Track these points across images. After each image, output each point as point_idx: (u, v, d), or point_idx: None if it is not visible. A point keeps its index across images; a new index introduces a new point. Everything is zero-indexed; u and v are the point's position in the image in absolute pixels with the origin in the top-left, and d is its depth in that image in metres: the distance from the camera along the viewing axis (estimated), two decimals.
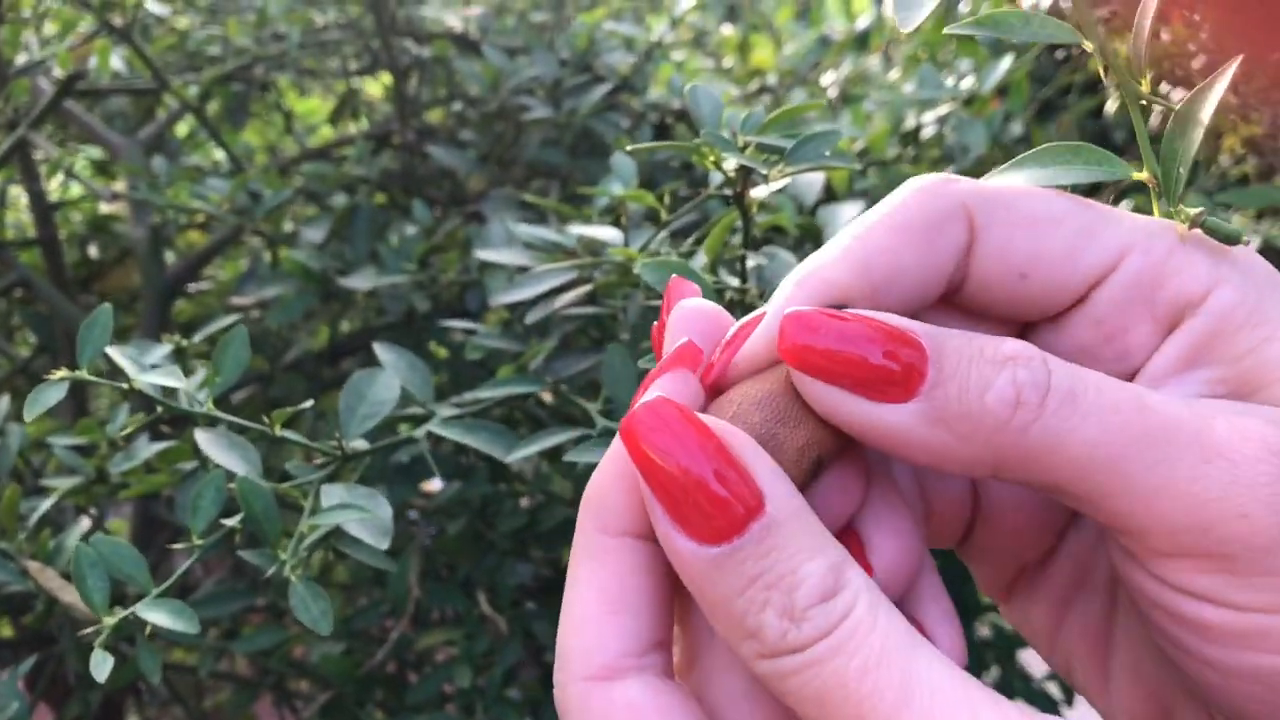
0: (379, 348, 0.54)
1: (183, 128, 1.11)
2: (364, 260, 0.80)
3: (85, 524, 0.62)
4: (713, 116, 0.45)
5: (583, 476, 0.70)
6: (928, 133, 0.82)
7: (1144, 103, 0.30)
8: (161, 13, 0.95)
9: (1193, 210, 0.27)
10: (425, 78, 0.99)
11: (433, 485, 0.78)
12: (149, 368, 0.49)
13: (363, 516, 0.46)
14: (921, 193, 0.27)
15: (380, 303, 0.84)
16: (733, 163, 0.45)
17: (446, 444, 0.71)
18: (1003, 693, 0.22)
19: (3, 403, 0.64)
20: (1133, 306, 0.27)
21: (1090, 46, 0.30)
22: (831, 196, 0.74)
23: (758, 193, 0.46)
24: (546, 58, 0.86)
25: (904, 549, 0.27)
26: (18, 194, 0.97)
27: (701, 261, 0.50)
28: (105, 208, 1.00)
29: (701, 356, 0.27)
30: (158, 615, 0.44)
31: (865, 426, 0.25)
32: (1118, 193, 0.69)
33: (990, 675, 0.83)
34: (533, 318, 0.57)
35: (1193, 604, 0.24)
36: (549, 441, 0.50)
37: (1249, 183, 0.69)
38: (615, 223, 0.59)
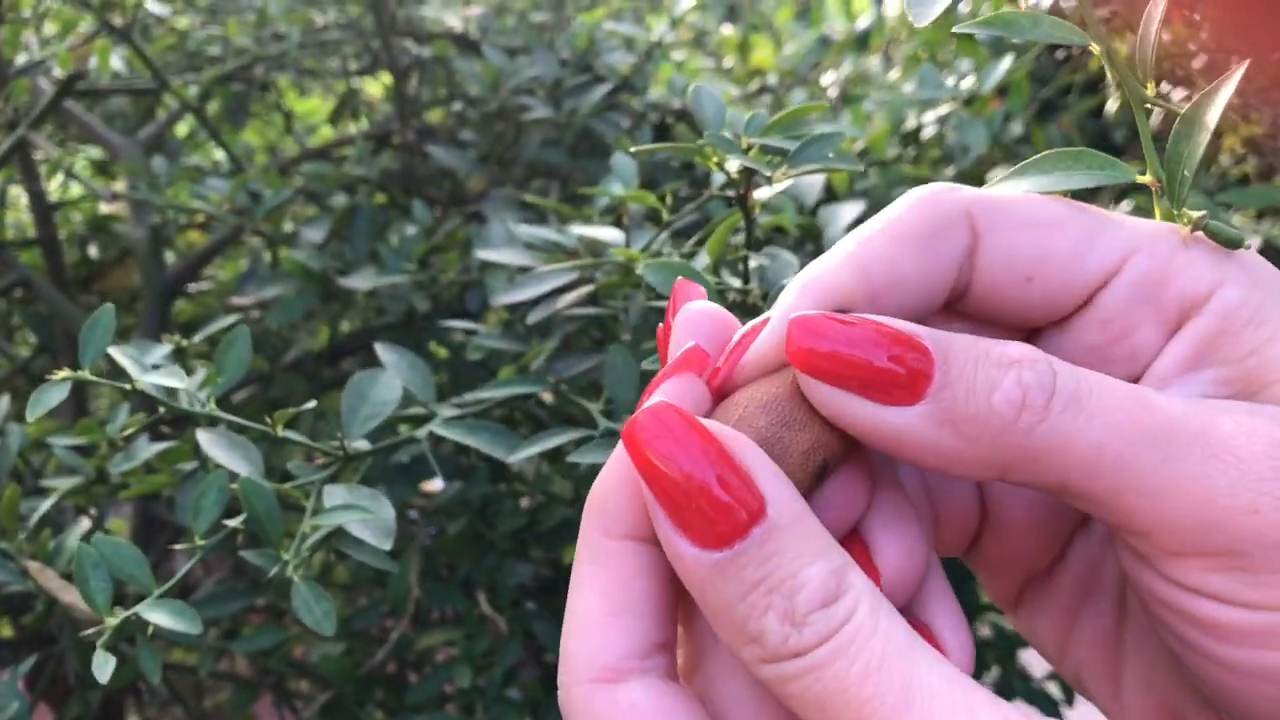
0: (380, 348, 0.54)
1: (183, 128, 1.11)
2: (364, 260, 0.80)
3: (85, 524, 0.62)
4: (716, 118, 0.45)
5: (583, 477, 0.71)
6: (928, 133, 0.82)
7: (1148, 106, 0.30)
8: (161, 13, 0.95)
9: (1195, 213, 0.27)
10: (425, 78, 0.99)
11: (433, 485, 0.77)
12: (150, 368, 0.49)
13: (365, 517, 0.46)
14: (923, 201, 0.27)
15: (380, 303, 0.84)
16: (736, 164, 0.45)
17: (446, 444, 0.70)
18: (1003, 693, 0.22)
19: (3, 403, 0.64)
20: (1138, 308, 0.27)
21: (1097, 49, 0.30)
22: (832, 197, 0.74)
23: (761, 194, 0.46)
24: (547, 58, 0.86)
25: (910, 552, 0.27)
26: (18, 194, 0.97)
27: (704, 262, 0.50)
28: (105, 208, 1.00)
29: (708, 360, 0.27)
30: (160, 616, 0.44)
31: (871, 429, 0.25)
32: (1118, 192, 0.69)
33: (990, 675, 0.83)
34: (534, 318, 0.57)
35: (1203, 603, 0.24)
36: (551, 442, 0.50)
37: (1249, 183, 0.69)
38: (616, 223, 0.59)
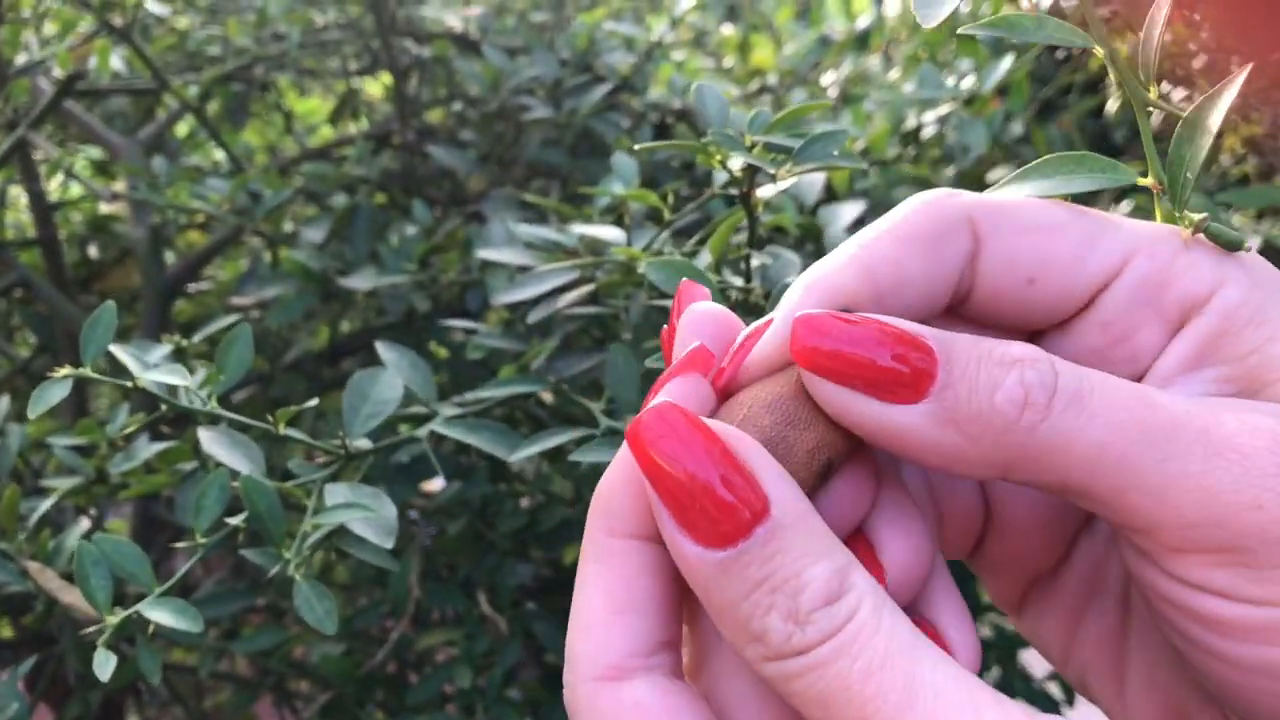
0: (381, 347, 0.54)
1: (183, 128, 1.11)
2: (364, 260, 0.80)
3: (85, 524, 0.62)
4: (719, 116, 0.45)
5: (584, 477, 0.71)
6: (928, 132, 0.82)
7: (1150, 108, 0.30)
8: (161, 13, 0.95)
9: (1196, 216, 0.28)
10: (425, 78, 0.99)
11: (433, 485, 0.77)
12: (151, 367, 0.49)
13: (367, 515, 0.46)
14: (926, 205, 0.28)
15: (380, 303, 0.84)
16: (739, 162, 0.45)
17: (447, 444, 0.70)
18: (1003, 693, 0.22)
19: (3, 403, 0.64)
20: (1140, 309, 0.27)
21: (1101, 52, 0.30)
22: (832, 197, 0.74)
23: (764, 192, 0.46)
24: (547, 58, 0.86)
25: (915, 550, 0.27)
26: (17, 194, 0.97)
27: (706, 261, 0.50)
28: (105, 208, 1.00)
29: (712, 361, 0.27)
30: (161, 614, 0.43)
31: (876, 427, 0.25)
32: (1119, 192, 0.69)
33: (991, 675, 0.83)
34: (534, 317, 0.57)
35: (1208, 600, 0.24)
36: (551, 441, 0.50)
37: (1249, 182, 0.69)
38: (617, 222, 0.59)
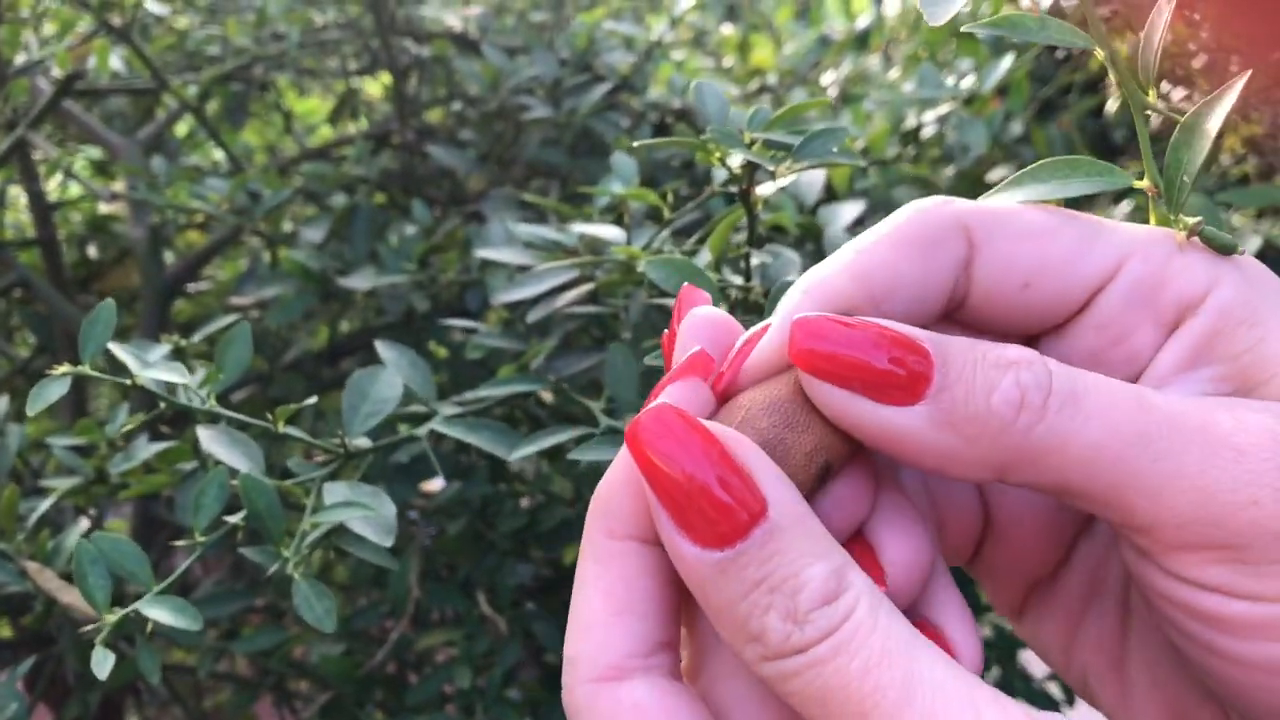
0: (381, 346, 0.54)
1: (182, 128, 1.11)
2: (363, 260, 0.80)
3: (84, 524, 0.62)
4: (719, 113, 0.45)
5: (584, 476, 0.71)
6: (928, 132, 0.82)
7: (1148, 112, 0.30)
8: (160, 12, 0.95)
9: (1191, 219, 0.28)
10: (425, 77, 0.99)
11: (432, 485, 0.77)
12: (150, 365, 0.49)
13: (366, 514, 0.46)
14: (920, 211, 0.28)
15: (380, 303, 0.84)
16: (739, 159, 0.45)
17: (446, 443, 0.70)
18: (1003, 693, 0.22)
19: (2, 403, 0.64)
20: (1135, 310, 0.28)
21: (1102, 55, 0.30)
22: (831, 196, 0.74)
23: (764, 189, 0.46)
24: (546, 57, 0.86)
25: (915, 551, 0.27)
26: (17, 194, 0.97)
27: (705, 259, 0.50)
28: (104, 208, 1.00)
29: (712, 365, 0.27)
30: (159, 612, 0.43)
31: (873, 429, 0.25)
32: (1118, 192, 0.69)
33: (991, 675, 0.83)
34: (534, 317, 0.57)
35: (1207, 597, 0.24)
36: (551, 440, 0.50)
37: (1249, 182, 0.69)
38: (617, 222, 0.59)
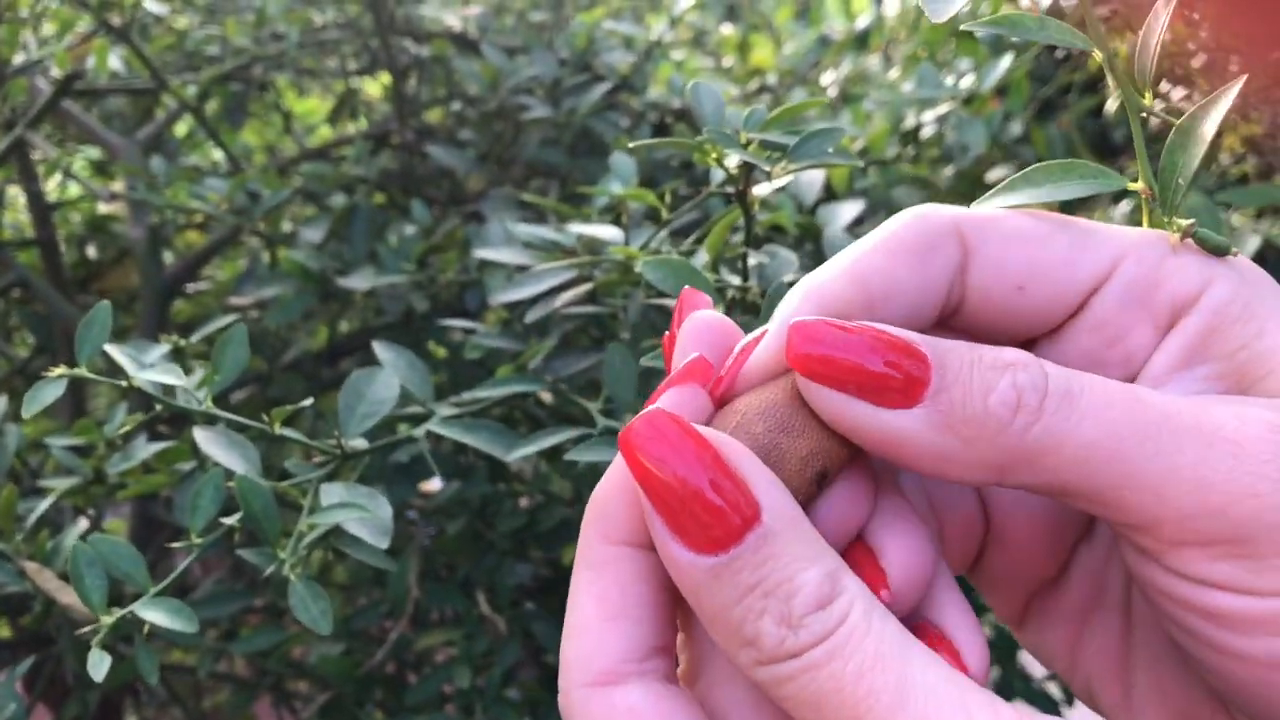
0: (378, 346, 0.54)
1: (181, 128, 1.10)
2: (362, 260, 0.80)
3: (83, 524, 0.61)
4: (715, 114, 0.45)
5: (582, 477, 0.71)
6: (927, 132, 0.82)
7: (1144, 114, 0.30)
8: (160, 12, 0.95)
9: (1184, 221, 0.28)
10: (424, 77, 0.99)
11: (432, 485, 0.77)
12: (147, 366, 0.49)
13: (363, 515, 0.46)
14: (915, 218, 0.28)
15: (379, 303, 0.84)
16: (735, 159, 0.45)
17: (445, 444, 0.70)
18: (1003, 693, 0.22)
19: (1, 403, 0.64)
20: (1130, 311, 0.28)
21: (1100, 56, 0.30)
22: (831, 196, 0.74)
23: (760, 190, 0.46)
24: (545, 57, 0.86)
25: (917, 555, 0.27)
26: (16, 194, 0.97)
27: (703, 260, 0.50)
28: (103, 208, 1.00)
29: (711, 371, 0.27)
30: (156, 614, 0.43)
31: (871, 432, 0.25)
32: (1117, 192, 0.69)
33: (991, 675, 0.83)
34: (532, 317, 0.57)
35: (1209, 593, 0.24)
36: (550, 441, 0.50)
37: (1248, 181, 0.69)
38: (615, 222, 0.59)
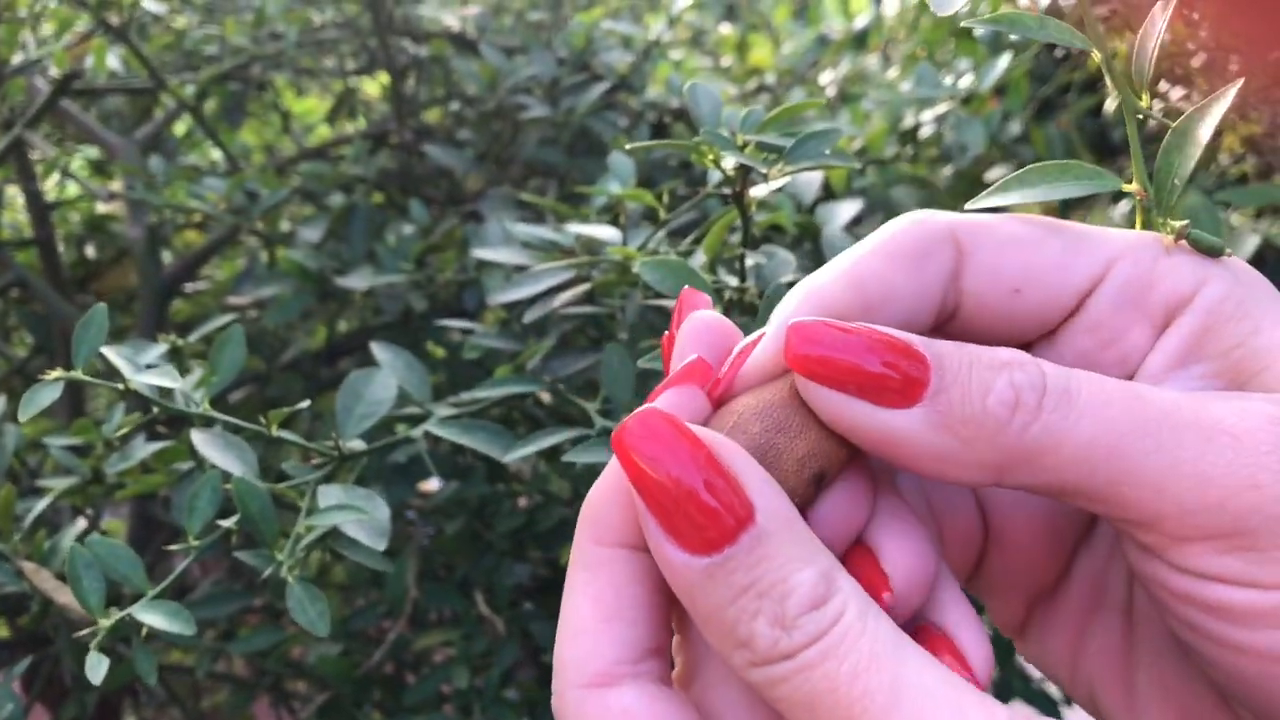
0: (376, 347, 0.54)
1: (180, 127, 1.10)
2: (361, 260, 0.80)
3: (81, 525, 0.61)
4: (712, 115, 0.44)
5: (581, 477, 0.70)
6: (926, 132, 0.82)
7: (1140, 116, 0.30)
8: (158, 12, 0.95)
9: (1178, 223, 0.28)
10: (423, 77, 0.99)
11: (430, 485, 0.77)
12: (145, 367, 0.49)
13: (360, 517, 0.46)
14: (910, 223, 0.28)
15: (377, 302, 0.84)
16: (732, 161, 0.44)
17: (444, 444, 0.70)
18: (1002, 693, 0.22)
19: None
20: (1125, 312, 0.28)
21: (1098, 57, 0.30)
22: (830, 195, 0.74)
23: (757, 191, 0.46)
24: (544, 57, 0.86)
25: (918, 555, 0.27)
26: (14, 194, 0.97)
27: (700, 260, 0.50)
28: (102, 207, 1.00)
29: (710, 372, 0.27)
30: (153, 617, 0.43)
31: (870, 432, 0.25)
32: (1115, 194, 0.69)
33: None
34: (530, 317, 0.56)
35: (1212, 588, 0.24)
36: (547, 441, 0.50)
37: (1248, 181, 0.69)
38: (613, 222, 0.59)
